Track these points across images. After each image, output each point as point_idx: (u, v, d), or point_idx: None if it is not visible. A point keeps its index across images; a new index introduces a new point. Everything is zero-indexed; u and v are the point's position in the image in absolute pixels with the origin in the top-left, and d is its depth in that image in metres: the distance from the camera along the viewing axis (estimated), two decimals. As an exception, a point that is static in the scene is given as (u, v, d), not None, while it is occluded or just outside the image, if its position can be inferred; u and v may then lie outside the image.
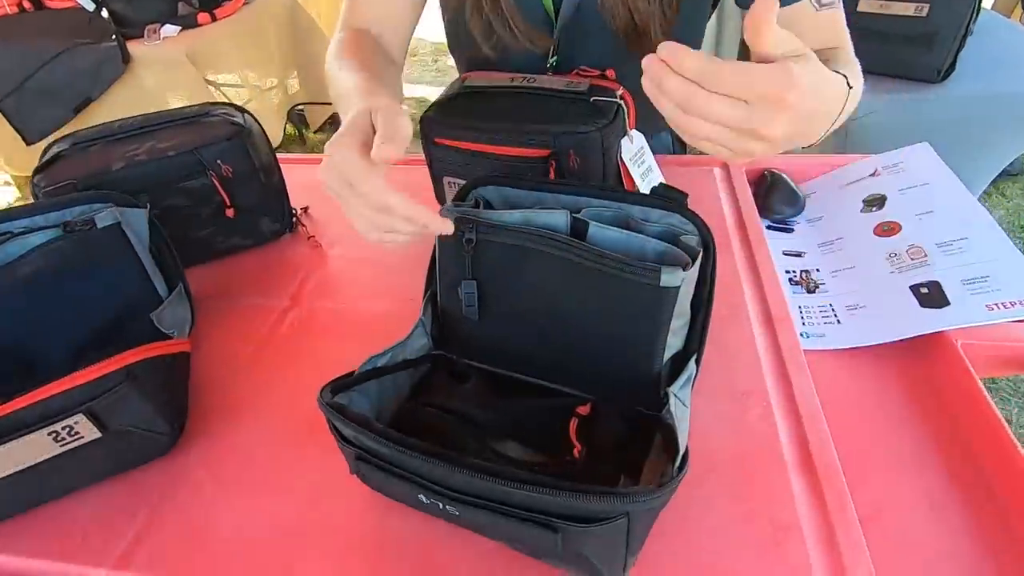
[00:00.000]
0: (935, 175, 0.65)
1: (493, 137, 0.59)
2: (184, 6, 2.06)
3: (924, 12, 1.22)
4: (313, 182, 0.78)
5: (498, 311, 0.47)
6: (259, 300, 0.61)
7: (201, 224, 0.63)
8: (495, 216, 0.45)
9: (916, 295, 0.54)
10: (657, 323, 0.41)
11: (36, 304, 0.49)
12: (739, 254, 0.62)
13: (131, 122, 0.63)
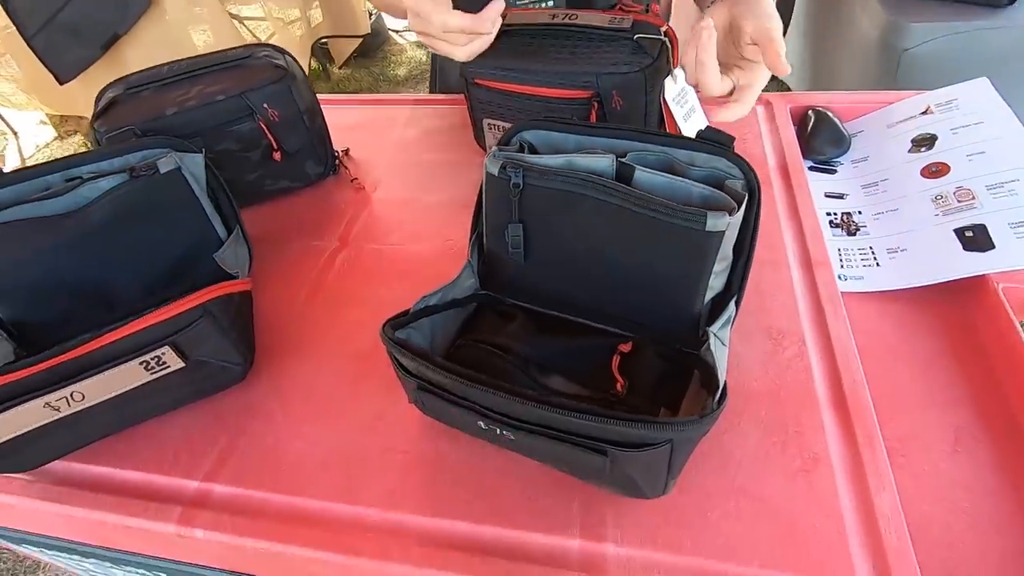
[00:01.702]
0: (992, 112, 0.62)
1: (534, 78, 0.59)
2: (205, -65, 2.00)
3: (994, -73, 1.13)
4: (351, 123, 0.80)
5: (543, 253, 0.48)
6: (310, 242, 0.64)
7: (251, 168, 0.65)
8: (541, 160, 0.46)
9: (960, 238, 0.54)
10: (700, 266, 0.42)
11: (110, 246, 0.52)
12: (780, 196, 0.62)
13: (178, 66, 0.64)
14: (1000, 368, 0.47)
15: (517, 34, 0.62)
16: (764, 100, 0.74)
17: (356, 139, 0.76)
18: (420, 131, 0.78)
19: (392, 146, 0.76)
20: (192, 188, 0.54)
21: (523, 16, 0.63)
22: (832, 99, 0.73)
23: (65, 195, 0.51)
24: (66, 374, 0.42)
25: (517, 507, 0.41)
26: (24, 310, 0.52)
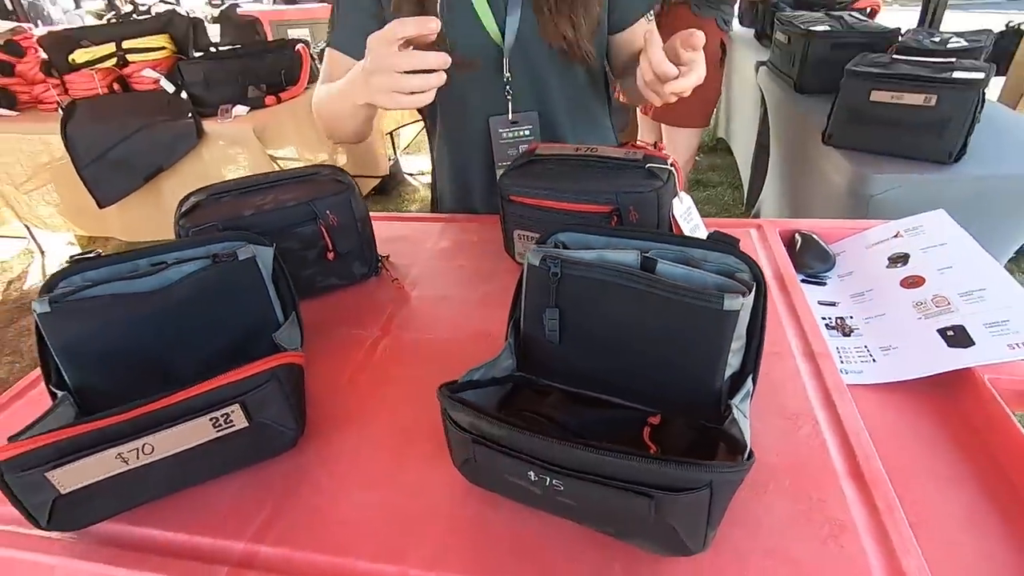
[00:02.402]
0: (952, 236, 0.73)
1: (562, 195, 0.69)
2: (253, 90, 2.30)
3: (932, 102, 1.34)
4: (392, 236, 0.89)
5: (576, 336, 0.54)
6: (354, 330, 0.70)
7: (307, 265, 0.73)
8: (576, 254, 0.54)
9: (943, 337, 0.61)
10: (720, 343, 0.48)
11: (183, 323, 0.58)
12: (779, 300, 0.69)
13: (256, 178, 0.75)
14: (999, 451, 0.51)
15: (546, 161, 0.74)
16: (756, 224, 0.85)
17: (396, 248, 0.85)
18: (453, 242, 0.88)
19: (428, 254, 0.85)
20: (262, 275, 0.61)
21: (551, 148, 0.76)
22: (814, 225, 0.84)
23: (152, 276, 0.57)
24: (143, 426, 0.45)
25: (559, 568, 0.42)
26: (90, 378, 0.56)
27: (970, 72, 1.32)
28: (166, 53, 2.35)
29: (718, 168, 3.28)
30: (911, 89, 1.35)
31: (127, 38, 2.31)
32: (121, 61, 2.30)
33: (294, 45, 2.39)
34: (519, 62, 0.85)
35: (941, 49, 1.56)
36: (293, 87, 2.34)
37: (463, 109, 0.90)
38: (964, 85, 1.30)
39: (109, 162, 2.24)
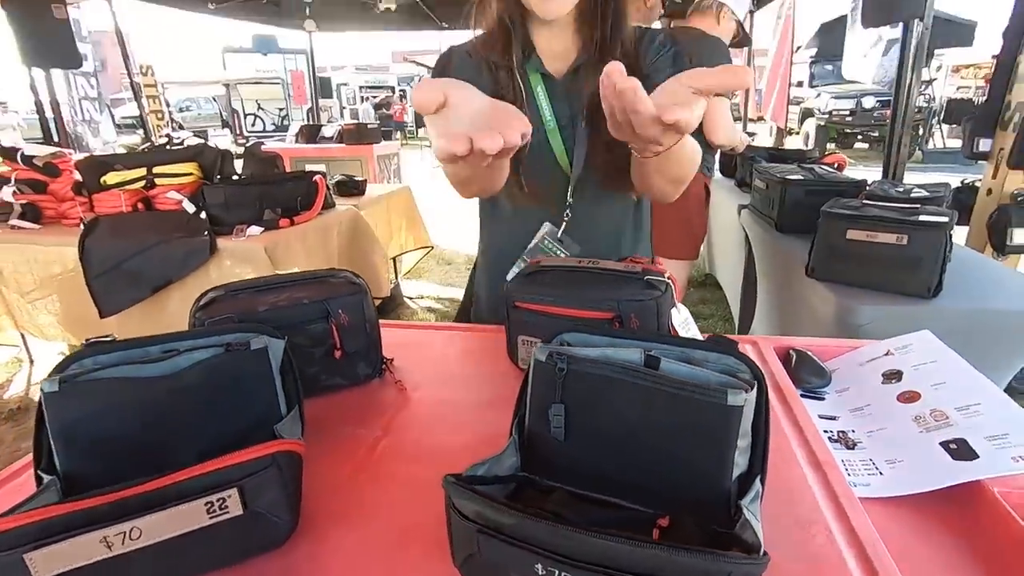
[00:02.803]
0: (941, 355, 0.75)
1: (565, 301, 0.73)
2: (269, 212, 2.44)
3: (904, 241, 1.45)
4: (397, 342, 0.91)
5: (582, 433, 0.54)
6: (355, 429, 0.69)
7: (313, 362, 0.74)
8: (582, 351, 0.55)
9: (947, 450, 0.61)
10: (726, 440, 0.48)
11: (187, 409, 0.58)
12: (780, 412, 0.70)
13: (274, 278, 0.78)
14: (1013, 563, 0.49)
15: (551, 271, 0.79)
16: (752, 341, 0.88)
17: (401, 352, 0.86)
18: (457, 349, 0.89)
19: (431, 359, 0.86)
20: (271, 367, 0.62)
21: (555, 260, 0.81)
22: (808, 343, 0.87)
23: (163, 362, 0.58)
24: (132, 508, 0.44)
25: None
26: (83, 463, 0.54)
27: (935, 216, 1.44)
28: (192, 179, 2.52)
29: (708, 301, 3.40)
30: (883, 229, 1.46)
31: (158, 164, 2.50)
32: (149, 184, 2.47)
33: (312, 176, 2.59)
34: (581, 187, 0.92)
35: (906, 197, 1.71)
36: (307, 212, 2.49)
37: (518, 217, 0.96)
38: (932, 227, 1.41)
39: (120, 273, 2.31)
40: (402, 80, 20.68)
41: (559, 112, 0.91)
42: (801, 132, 10.61)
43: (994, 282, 1.57)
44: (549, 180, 0.92)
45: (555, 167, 0.92)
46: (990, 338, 1.40)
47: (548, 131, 0.90)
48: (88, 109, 5.17)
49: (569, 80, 0.91)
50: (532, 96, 0.90)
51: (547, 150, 0.91)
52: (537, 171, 0.91)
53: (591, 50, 0.88)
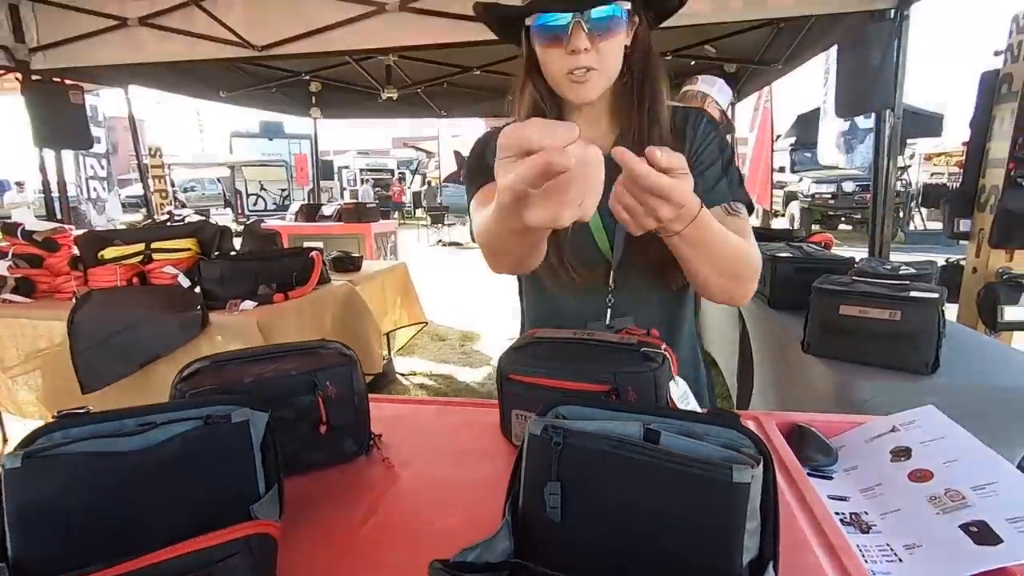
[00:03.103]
0: (948, 430, 0.73)
1: (560, 374, 0.71)
2: (264, 287, 2.44)
3: (898, 317, 1.45)
4: (386, 416, 0.88)
5: (580, 513, 0.51)
6: (338, 510, 0.64)
7: (297, 437, 0.71)
8: (578, 424, 0.53)
9: (968, 533, 0.57)
10: (733, 522, 0.45)
11: (158, 487, 0.54)
12: (788, 493, 0.66)
13: (262, 349, 0.76)
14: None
15: (545, 343, 0.77)
16: (753, 417, 0.85)
17: (390, 427, 0.83)
18: (448, 425, 0.86)
19: (422, 435, 0.83)
20: (252, 441, 0.59)
21: (549, 332, 0.79)
22: (811, 419, 0.84)
23: (137, 435, 0.55)
24: (87, 599, 0.39)
25: None
26: (39, 545, 0.50)
27: (926, 292, 1.45)
28: (190, 254, 2.54)
29: (705, 379, 3.35)
30: (876, 305, 1.47)
31: (157, 240, 2.52)
32: (146, 258, 2.48)
33: (309, 251, 2.62)
34: (622, 274, 0.89)
35: (894, 274, 1.74)
36: (303, 287, 2.49)
37: (560, 304, 0.93)
38: (924, 303, 1.42)
39: (108, 348, 2.26)
40: (401, 163, 21.55)
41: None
42: (786, 214, 10.99)
43: (994, 359, 1.56)
44: (590, 265, 0.89)
45: (596, 252, 0.89)
46: (995, 415, 1.37)
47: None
48: (96, 188, 5.32)
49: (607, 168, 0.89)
50: None
51: (587, 234, 0.89)
52: (577, 255, 0.88)
53: (629, 137, 0.87)
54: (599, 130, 0.90)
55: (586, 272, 0.89)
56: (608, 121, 0.91)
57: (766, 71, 3.94)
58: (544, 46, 0.81)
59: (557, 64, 0.81)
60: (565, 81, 0.81)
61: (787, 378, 1.76)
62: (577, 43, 0.77)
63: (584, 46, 0.77)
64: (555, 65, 0.81)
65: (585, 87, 0.81)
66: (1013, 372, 1.47)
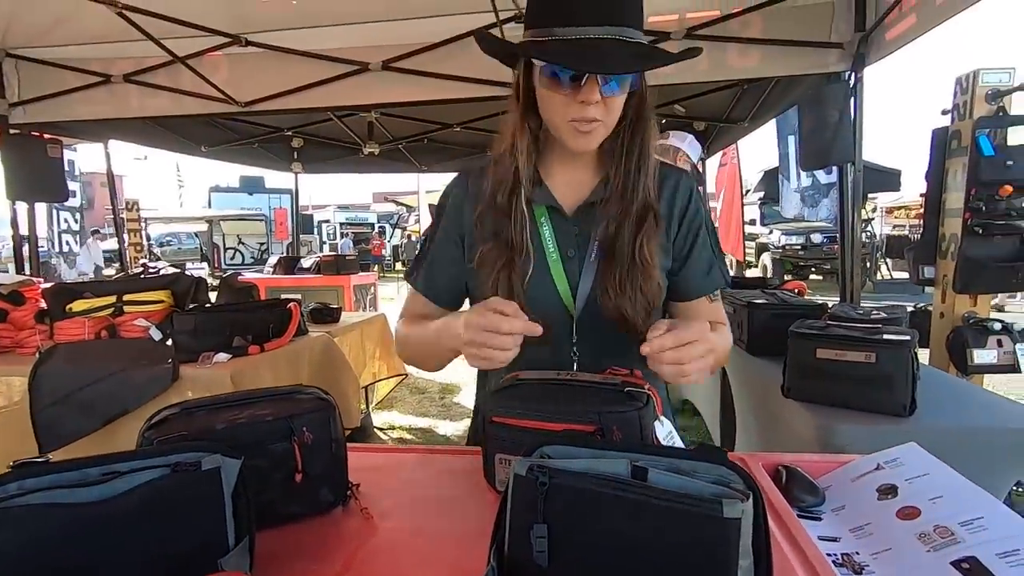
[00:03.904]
0: (931, 467, 0.73)
1: (544, 415, 0.70)
2: (239, 339, 2.38)
3: (873, 359, 1.48)
4: (365, 466, 0.84)
5: (568, 558, 0.49)
6: (312, 565, 0.61)
7: (270, 487, 0.67)
8: (564, 463, 0.52)
9: (959, 570, 0.56)
10: (727, 558, 0.44)
11: (123, 538, 0.51)
12: (778, 534, 0.65)
13: (235, 395, 0.74)
14: None
15: (528, 385, 0.76)
16: (738, 458, 0.84)
17: (369, 477, 0.80)
18: (430, 473, 0.83)
19: (402, 484, 0.80)
20: (223, 490, 0.56)
21: (533, 374, 0.79)
22: (796, 459, 0.84)
23: (101, 485, 0.52)
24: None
25: None
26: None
27: (898, 335, 1.48)
28: (163, 306, 2.49)
29: (688, 428, 3.33)
30: (851, 347, 1.49)
31: (129, 292, 2.47)
32: (117, 311, 2.42)
33: (286, 303, 2.58)
34: (586, 327, 0.87)
35: (866, 318, 1.78)
36: (279, 338, 2.44)
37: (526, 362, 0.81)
38: (896, 345, 1.45)
39: (71, 404, 2.16)
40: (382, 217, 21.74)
41: (563, 245, 0.88)
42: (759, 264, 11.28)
43: (969, 401, 1.58)
44: (551, 317, 0.83)
45: (557, 303, 0.87)
46: (975, 456, 1.38)
47: (551, 263, 0.87)
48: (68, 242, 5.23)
49: (581, 215, 0.88)
50: (536, 227, 0.88)
51: (549, 282, 0.87)
52: (538, 305, 0.82)
53: (612, 187, 0.86)
54: (578, 176, 0.90)
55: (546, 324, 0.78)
56: (591, 168, 0.91)
57: (733, 128, 4.15)
58: (550, 89, 0.79)
59: (561, 109, 0.79)
60: (567, 127, 0.80)
61: (768, 423, 1.76)
62: (590, 96, 0.76)
63: (595, 99, 0.76)
64: (559, 109, 0.79)
65: (588, 138, 0.80)
66: (989, 413, 1.49)
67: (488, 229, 0.88)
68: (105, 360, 2.21)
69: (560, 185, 0.90)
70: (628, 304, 0.84)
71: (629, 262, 0.85)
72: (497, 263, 0.86)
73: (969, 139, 2.24)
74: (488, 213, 0.88)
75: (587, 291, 0.87)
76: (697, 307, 0.95)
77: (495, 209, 0.88)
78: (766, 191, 11.68)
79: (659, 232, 0.87)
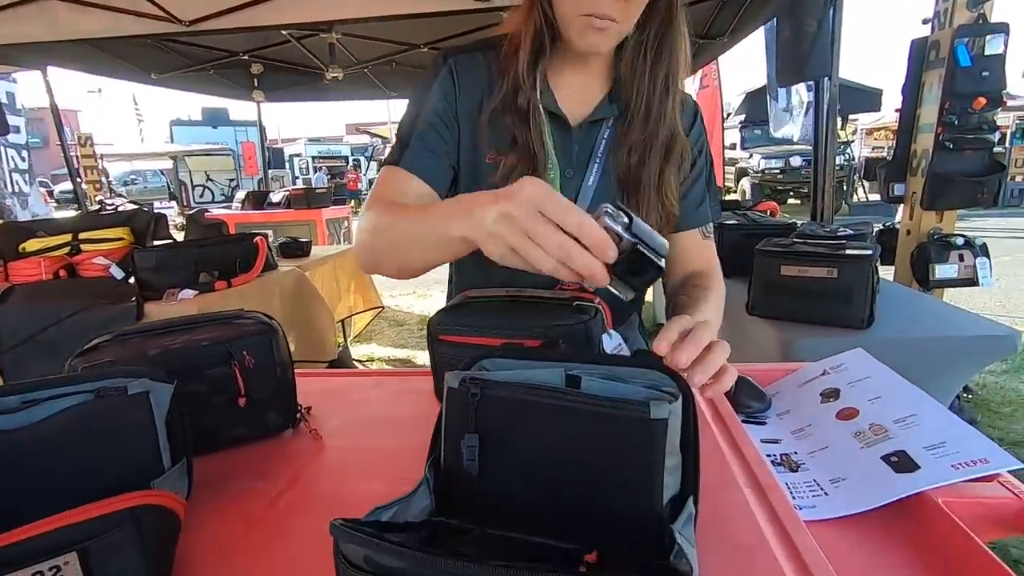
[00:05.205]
0: (874, 370, 0.74)
1: (491, 331, 0.69)
2: (205, 275, 2.32)
3: (835, 274, 1.49)
4: (321, 390, 0.84)
5: (500, 465, 0.49)
6: (256, 483, 0.61)
7: (213, 412, 0.66)
8: (497, 375, 0.51)
9: (888, 463, 0.58)
10: (653, 458, 0.44)
11: (45, 469, 0.49)
12: (720, 436, 0.66)
13: (172, 320, 0.71)
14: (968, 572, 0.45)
15: (476, 302, 0.75)
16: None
17: (321, 400, 0.79)
18: (383, 394, 0.83)
19: (353, 405, 0.80)
20: (153, 415, 0.55)
21: (481, 292, 0.77)
22: (747, 369, 0.85)
23: (20, 413, 0.50)
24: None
25: None
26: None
27: (860, 250, 1.49)
28: (123, 244, 2.40)
29: (661, 351, 3.41)
30: (813, 263, 1.51)
31: (85, 230, 2.37)
32: (74, 250, 2.34)
33: (252, 237, 2.51)
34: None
35: (832, 235, 1.79)
36: (246, 274, 2.39)
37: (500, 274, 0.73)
38: (858, 259, 1.46)
39: (35, 345, 2.13)
40: (356, 150, 21.02)
41: (563, 161, 0.80)
42: (738, 190, 11.25)
43: (924, 313, 1.62)
44: None
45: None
46: (926, 363, 1.43)
47: (549, 182, 0.75)
48: (18, 182, 4.97)
49: (584, 131, 0.80)
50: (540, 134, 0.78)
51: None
52: None
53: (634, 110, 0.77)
54: (593, 82, 0.80)
55: None
56: (603, 74, 0.80)
57: (712, 44, 3.98)
58: None
59: (575, 1, 0.70)
60: (578, 23, 0.70)
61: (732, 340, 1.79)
62: None
63: None
64: (570, 2, 0.70)
65: (601, 37, 0.71)
66: (941, 323, 1.53)
67: (504, 135, 0.78)
68: (65, 300, 2.15)
69: (564, 94, 0.80)
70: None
71: (655, 196, 0.79)
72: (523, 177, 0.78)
73: (948, 49, 2.18)
74: (501, 115, 0.78)
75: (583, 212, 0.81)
76: (688, 242, 0.88)
77: (512, 112, 0.77)
78: (748, 114, 11.47)
79: (685, 164, 0.81)
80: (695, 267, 0.89)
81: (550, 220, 0.46)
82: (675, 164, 0.80)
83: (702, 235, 0.89)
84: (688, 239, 0.88)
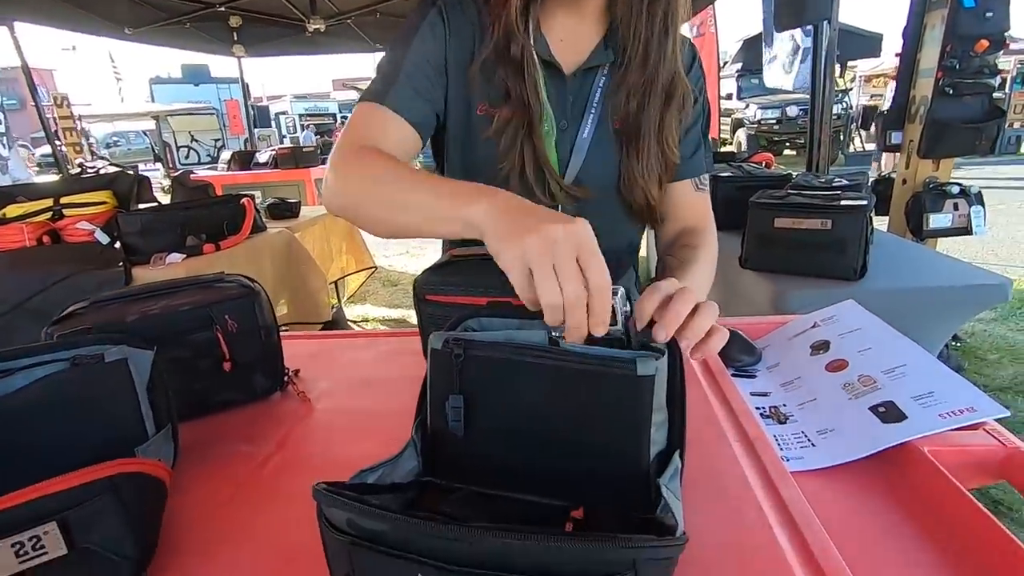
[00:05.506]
0: (865, 321, 0.74)
1: (477, 289, 0.67)
2: (192, 239, 2.29)
3: (828, 226, 1.48)
4: (310, 352, 0.83)
5: (485, 425, 0.48)
6: (243, 447, 0.61)
7: (199, 376, 0.65)
8: (481, 335, 0.50)
9: (876, 414, 0.58)
10: (640, 415, 0.43)
11: (22, 440, 0.48)
12: (709, 390, 0.66)
13: (153, 285, 0.70)
14: (954, 524, 0.46)
15: (463, 262, 0.73)
16: (680, 325, 0.84)
17: (309, 363, 0.79)
18: (372, 355, 0.82)
19: (342, 367, 0.79)
20: (134, 382, 0.54)
21: (468, 249, 0.75)
22: (737, 323, 0.84)
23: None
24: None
25: None
26: None
27: (855, 200, 1.47)
28: (106, 207, 2.35)
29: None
30: (807, 215, 1.49)
31: (66, 194, 2.32)
32: (56, 215, 2.28)
33: (239, 198, 2.46)
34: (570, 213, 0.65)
35: (827, 186, 1.76)
36: (234, 236, 2.36)
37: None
38: (852, 210, 1.44)
39: (24, 313, 2.11)
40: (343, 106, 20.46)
41: (558, 113, 0.76)
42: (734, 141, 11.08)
43: (917, 263, 1.62)
44: (533, 190, 0.75)
45: (539, 175, 0.76)
46: (919, 314, 1.44)
47: (543, 133, 0.75)
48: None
49: (578, 80, 0.77)
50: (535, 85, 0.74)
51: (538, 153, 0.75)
52: (519, 174, 0.74)
53: (631, 53, 0.73)
54: (587, 28, 0.76)
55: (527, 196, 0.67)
56: (598, 19, 0.76)
57: (708, -12, 3.83)
58: None
59: None
60: None
61: (725, 293, 1.79)
62: None
63: None
64: None
65: None
66: (933, 273, 1.53)
67: (496, 86, 0.74)
68: (50, 266, 2.12)
69: (557, 40, 0.76)
70: (656, 188, 0.77)
71: (655, 144, 0.76)
72: (518, 131, 0.74)
73: (951, -12, 2.10)
74: (493, 65, 0.74)
75: (575, 173, 0.77)
76: (680, 194, 0.84)
77: (505, 62, 0.73)
78: (744, 63, 11.16)
79: (686, 109, 0.77)
80: (687, 223, 0.86)
81: (580, 268, 0.44)
82: (676, 109, 0.77)
83: (695, 187, 0.84)
84: (680, 190, 0.84)
